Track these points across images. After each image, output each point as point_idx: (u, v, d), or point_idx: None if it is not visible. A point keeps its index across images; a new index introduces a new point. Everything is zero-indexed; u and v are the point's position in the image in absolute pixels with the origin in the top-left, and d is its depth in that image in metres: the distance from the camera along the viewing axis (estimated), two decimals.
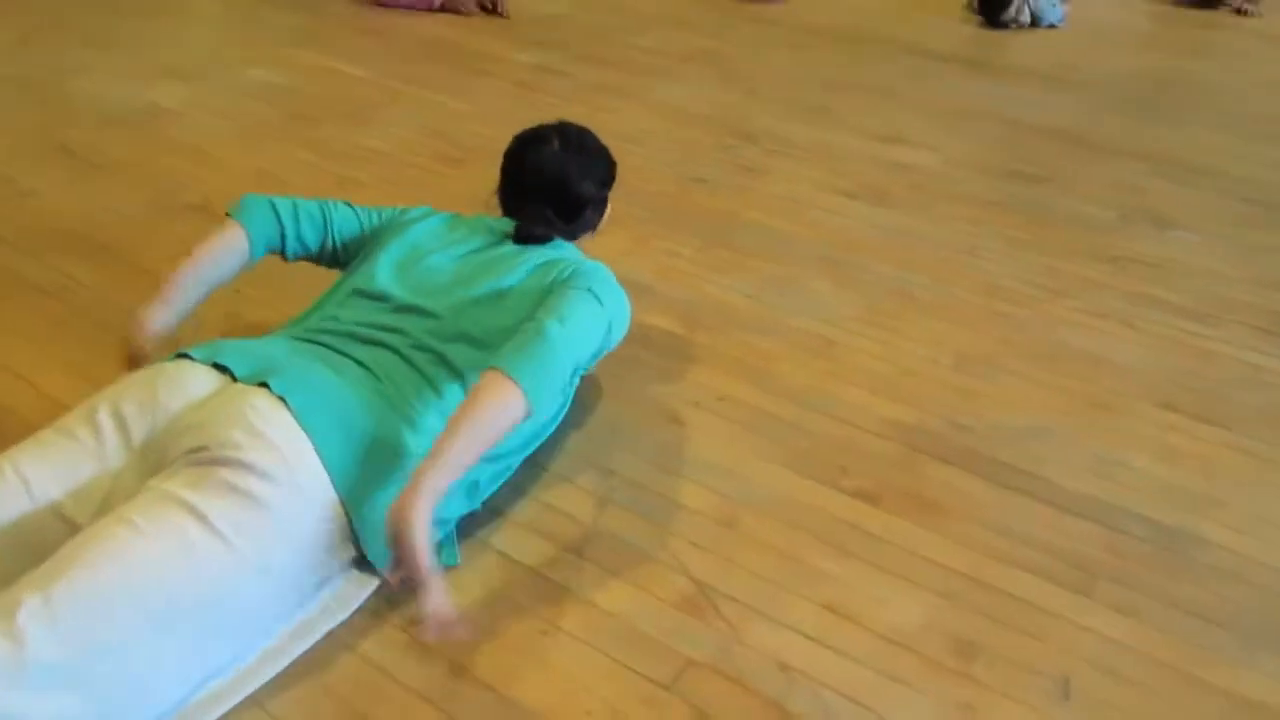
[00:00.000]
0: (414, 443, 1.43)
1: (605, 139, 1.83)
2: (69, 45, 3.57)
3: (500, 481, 1.59)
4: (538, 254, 1.67)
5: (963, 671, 1.36)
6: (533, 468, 1.65)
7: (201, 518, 1.19)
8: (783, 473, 1.71)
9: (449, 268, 1.64)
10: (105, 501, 1.27)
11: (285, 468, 1.26)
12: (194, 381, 1.36)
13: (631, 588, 1.46)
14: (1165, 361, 2.13)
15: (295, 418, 1.31)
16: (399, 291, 1.60)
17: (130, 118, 2.98)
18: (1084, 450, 1.83)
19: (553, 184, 1.74)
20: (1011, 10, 4.83)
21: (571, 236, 1.79)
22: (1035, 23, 4.92)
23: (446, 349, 1.52)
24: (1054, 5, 4.98)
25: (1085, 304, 2.34)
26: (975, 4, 5.03)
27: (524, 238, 1.71)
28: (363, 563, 1.38)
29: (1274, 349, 2.20)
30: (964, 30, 4.80)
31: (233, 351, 1.42)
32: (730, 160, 3.04)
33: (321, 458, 1.30)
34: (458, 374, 1.51)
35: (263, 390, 1.33)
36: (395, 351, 1.51)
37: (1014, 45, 4.61)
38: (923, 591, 1.49)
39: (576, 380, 1.74)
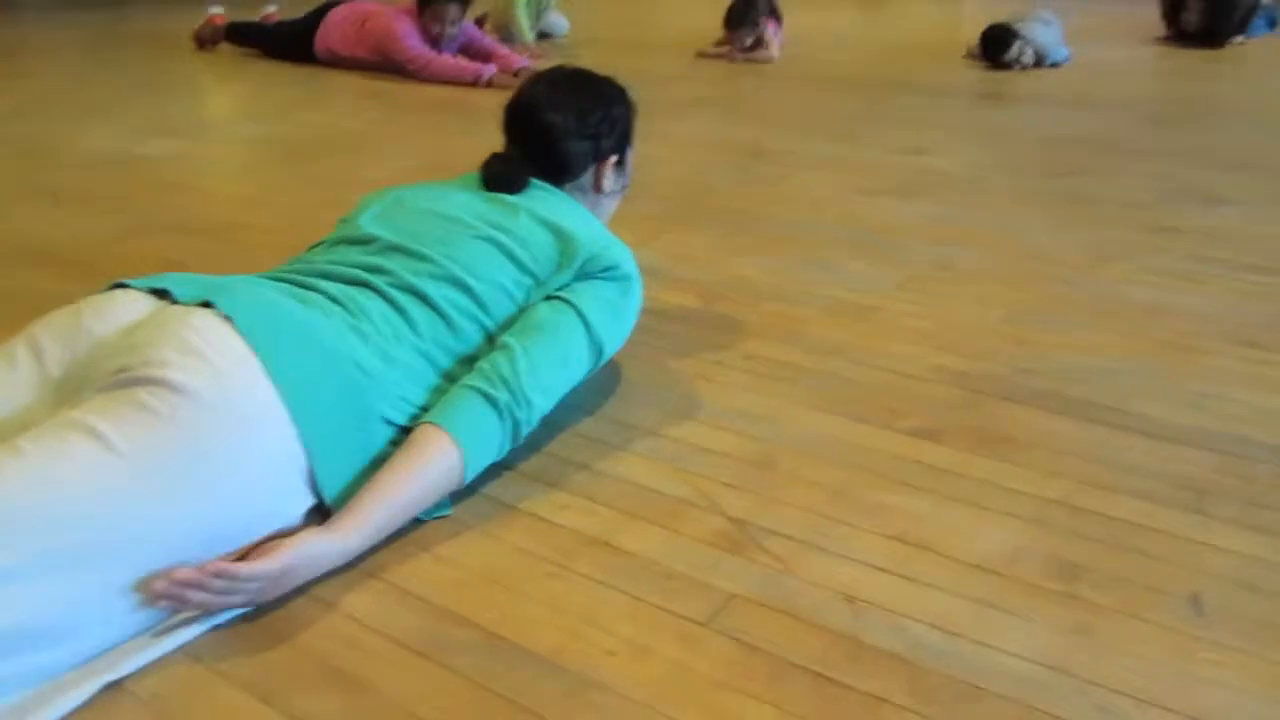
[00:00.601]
0: (388, 377, 1.22)
1: None
2: (64, 113, 3.50)
3: None
4: (537, 202, 1.47)
5: (1070, 594, 1.10)
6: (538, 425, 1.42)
7: (104, 442, 0.98)
8: (824, 417, 1.48)
9: (441, 212, 1.44)
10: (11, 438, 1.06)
11: (222, 391, 1.05)
12: (126, 307, 1.17)
13: (655, 528, 1.21)
14: (1238, 307, 1.90)
15: (243, 337, 1.10)
16: (385, 233, 1.41)
17: (118, 163, 2.86)
18: (1171, 386, 1.59)
19: (523, 117, 1.53)
20: (1013, 50, 4.75)
21: (549, 179, 1.52)
22: (1039, 62, 4.83)
23: (432, 289, 1.32)
24: (1058, 44, 4.90)
25: (1140, 265, 2.13)
26: (976, 50, 4.96)
27: (487, 181, 1.50)
28: (322, 514, 1.15)
29: None
30: (969, 73, 4.72)
31: (176, 279, 1.23)
32: (746, 171, 2.88)
33: (275, 383, 1.09)
34: (442, 315, 1.32)
35: (205, 309, 1.13)
36: (374, 289, 1.31)
37: (1023, 80, 4.52)
38: (1007, 519, 1.24)
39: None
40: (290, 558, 1.04)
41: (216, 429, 1.03)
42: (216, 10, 5.06)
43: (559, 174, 1.54)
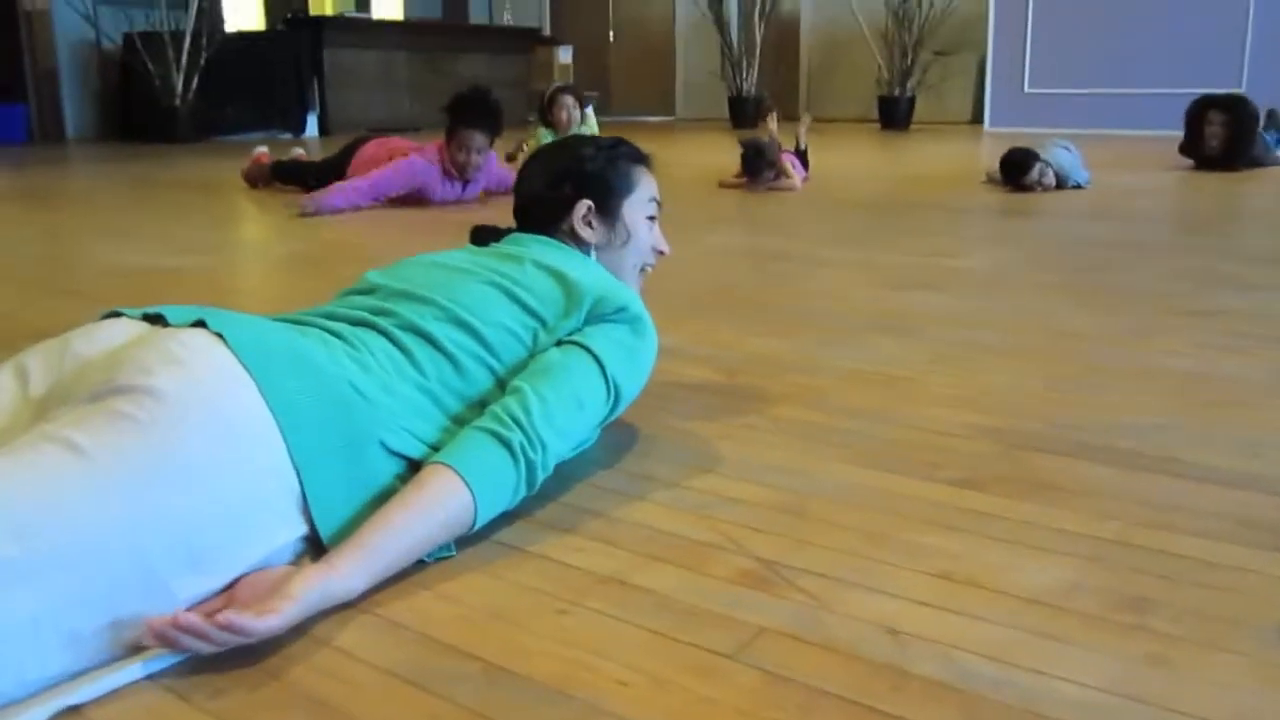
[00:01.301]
0: (388, 405, 1.16)
1: None
2: (95, 235, 3.57)
3: None
4: (539, 253, 1.45)
5: (1139, 625, 0.99)
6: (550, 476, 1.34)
7: (76, 449, 0.92)
8: (857, 469, 1.39)
9: (444, 264, 1.43)
10: None
11: (205, 400, 1.00)
12: (116, 331, 1.13)
13: (676, 568, 1.12)
14: None
15: (233, 352, 1.05)
16: (391, 283, 1.38)
17: (141, 272, 2.88)
18: (1224, 438, 1.49)
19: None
20: (1034, 173, 4.78)
21: (539, 230, 1.55)
22: (1061, 184, 4.86)
23: (437, 330, 1.28)
24: (1079, 166, 4.94)
25: (1178, 340, 2.05)
26: (996, 175, 5.01)
27: (474, 240, 1.61)
28: (316, 546, 1.07)
29: None
30: (990, 195, 4.76)
31: (170, 307, 1.19)
32: (768, 271, 2.86)
33: (265, 397, 1.03)
34: (447, 356, 1.26)
35: (197, 328, 1.09)
36: (377, 330, 1.27)
37: (1045, 199, 4.54)
38: (1060, 557, 1.13)
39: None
40: (298, 612, 0.95)
41: (198, 437, 0.97)
42: (261, 149, 5.24)
43: (538, 223, 1.56)
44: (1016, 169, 4.82)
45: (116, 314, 1.18)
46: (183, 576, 0.95)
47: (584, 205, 1.53)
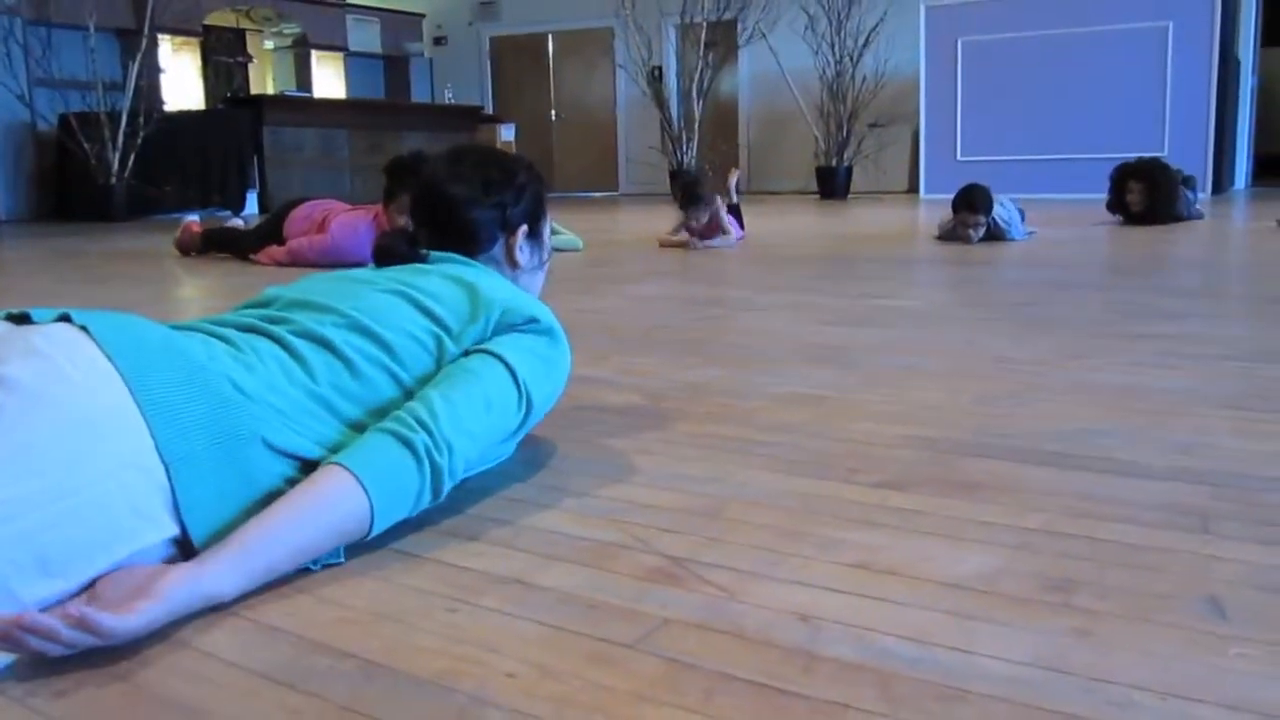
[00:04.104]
0: (270, 402, 1.09)
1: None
2: (9, 299, 3.45)
3: None
4: (449, 267, 1.40)
5: (1064, 604, 0.93)
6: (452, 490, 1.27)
7: None
8: (777, 476, 1.33)
9: (347, 277, 1.37)
10: None
11: (64, 390, 0.93)
12: None
13: (579, 567, 1.05)
14: (1215, 384, 1.80)
15: (98, 345, 0.99)
16: (288, 294, 1.32)
17: None
18: (1155, 440, 1.46)
19: (425, 193, 1.48)
20: (979, 215, 4.84)
21: (462, 252, 1.45)
22: (998, 236, 4.93)
23: (336, 336, 1.21)
24: (1017, 223, 5.02)
25: (1111, 360, 2.04)
26: (947, 225, 5.05)
27: (380, 256, 1.44)
28: (189, 551, 0.98)
29: None
30: (926, 247, 4.81)
31: (38, 310, 1.11)
32: (701, 314, 2.83)
33: (131, 389, 0.96)
34: (344, 360, 1.19)
35: (60, 323, 1.02)
36: (270, 336, 1.19)
37: (981, 250, 4.59)
38: (984, 546, 1.08)
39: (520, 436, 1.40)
40: (161, 613, 0.87)
41: (50, 427, 0.89)
42: (193, 218, 5.17)
43: (468, 246, 1.46)
44: (971, 198, 4.86)
45: None
46: (28, 577, 0.86)
47: (524, 228, 1.49)
